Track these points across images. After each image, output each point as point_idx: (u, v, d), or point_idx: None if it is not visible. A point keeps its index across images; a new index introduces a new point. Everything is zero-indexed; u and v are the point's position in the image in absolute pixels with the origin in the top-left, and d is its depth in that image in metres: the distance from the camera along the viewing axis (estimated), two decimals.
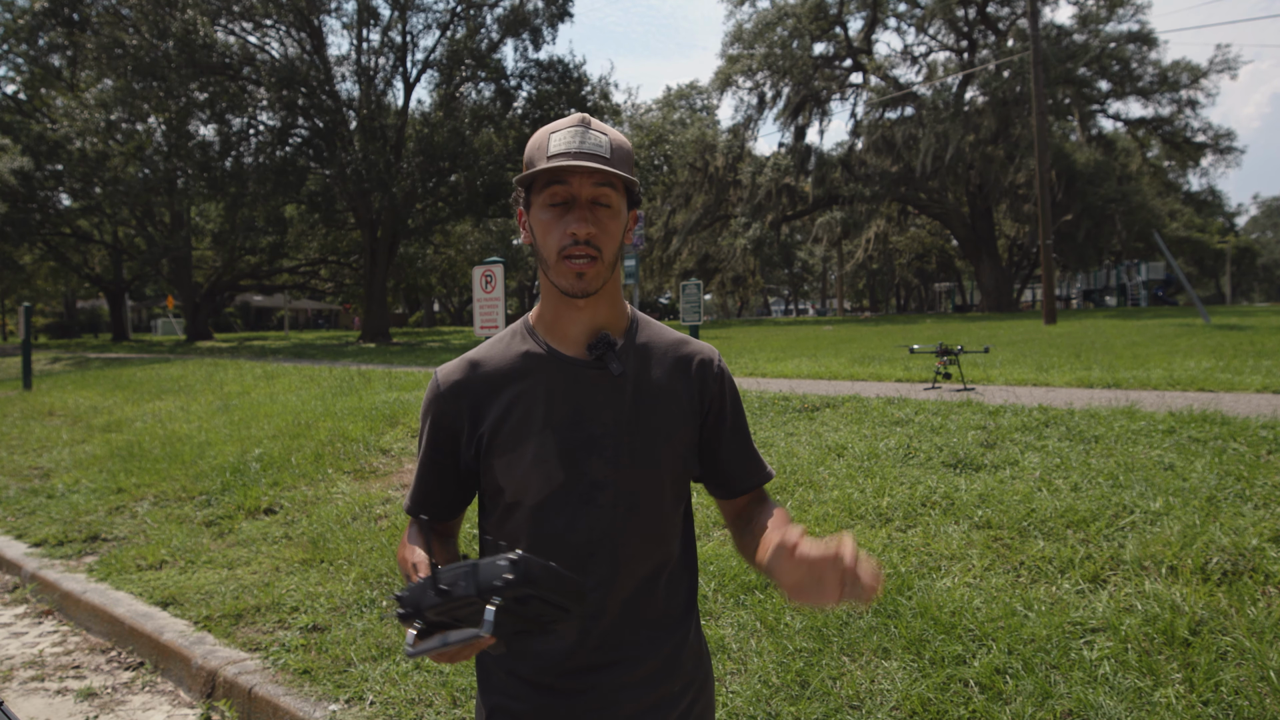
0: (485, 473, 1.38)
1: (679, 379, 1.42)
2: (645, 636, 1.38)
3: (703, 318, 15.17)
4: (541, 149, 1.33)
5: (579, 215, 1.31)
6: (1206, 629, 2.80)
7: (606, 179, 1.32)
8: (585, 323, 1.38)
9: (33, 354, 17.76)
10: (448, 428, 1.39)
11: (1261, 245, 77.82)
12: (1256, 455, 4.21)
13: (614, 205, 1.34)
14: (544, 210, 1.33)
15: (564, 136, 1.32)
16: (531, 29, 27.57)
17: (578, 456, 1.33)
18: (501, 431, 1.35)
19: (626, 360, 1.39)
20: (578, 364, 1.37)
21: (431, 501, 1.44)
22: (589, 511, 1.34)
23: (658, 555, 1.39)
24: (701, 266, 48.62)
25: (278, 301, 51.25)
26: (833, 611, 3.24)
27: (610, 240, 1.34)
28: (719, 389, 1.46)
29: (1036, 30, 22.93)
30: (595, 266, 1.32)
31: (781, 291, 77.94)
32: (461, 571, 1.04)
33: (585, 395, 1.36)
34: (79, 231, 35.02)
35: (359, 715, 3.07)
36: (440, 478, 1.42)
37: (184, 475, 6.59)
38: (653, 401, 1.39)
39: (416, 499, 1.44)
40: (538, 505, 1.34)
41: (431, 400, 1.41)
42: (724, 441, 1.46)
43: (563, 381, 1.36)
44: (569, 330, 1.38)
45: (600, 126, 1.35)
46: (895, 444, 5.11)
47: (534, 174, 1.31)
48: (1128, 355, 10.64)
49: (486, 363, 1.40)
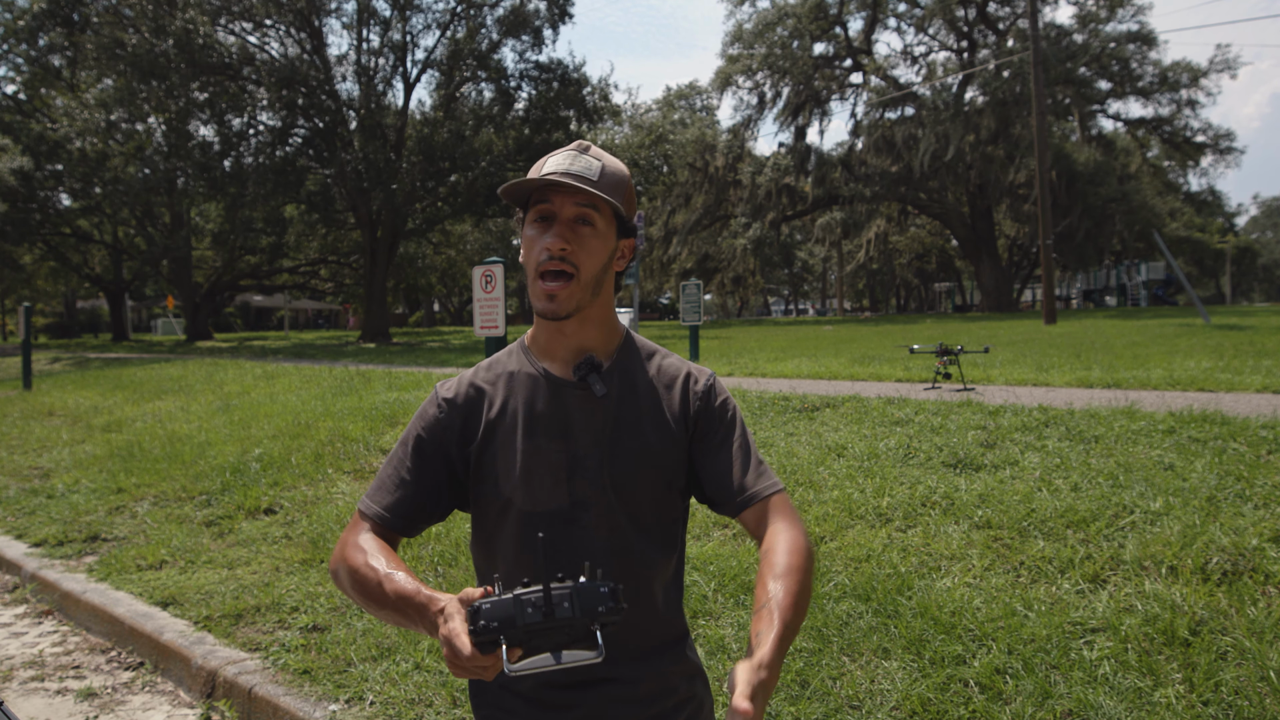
0: (472, 490, 1.39)
1: (665, 400, 1.41)
2: (637, 655, 1.37)
3: (703, 318, 15.16)
4: (537, 170, 1.36)
5: (556, 231, 1.32)
6: (1206, 629, 2.80)
7: (590, 200, 1.32)
8: (572, 345, 1.40)
9: (33, 354, 17.76)
10: (436, 439, 1.39)
11: (1261, 245, 77.83)
12: (1256, 455, 4.21)
13: (598, 226, 1.34)
14: (529, 227, 1.36)
15: (559, 159, 1.35)
16: (532, 30, 27.58)
17: (561, 476, 1.34)
18: (488, 450, 1.37)
19: (611, 382, 1.39)
20: (564, 384, 1.38)
21: (403, 511, 1.37)
22: (572, 531, 1.34)
23: (645, 574, 1.38)
24: (701, 266, 48.65)
25: (278, 301, 51.26)
26: (833, 611, 3.24)
27: (590, 259, 1.33)
28: (704, 405, 1.41)
29: (1036, 30, 22.93)
30: (569, 287, 1.32)
31: (781, 291, 77.95)
32: (562, 594, 1.05)
33: (569, 416, 1.37)
34: (79, 231, 35.03)
35: (359, 715, 3.07)
36: (422, 489, 1.38)
37: (184, 475, 6.59)
38: (635, 424, 1.38)
39: (389, 506, 1.36)
40: (522, 523, 1.34)
41: (429, 412, 1.42)
42: (713, 459, 1.39)
43: (549, 402, 1.38)
44: (557, 351, 1.40)
45: (597, 153, 1.37)
46: (895, 444, 5.11)
47: (521, 193, 1.35)
48: (1128, 355, 10.65)
49: (482, 381, 1.43)
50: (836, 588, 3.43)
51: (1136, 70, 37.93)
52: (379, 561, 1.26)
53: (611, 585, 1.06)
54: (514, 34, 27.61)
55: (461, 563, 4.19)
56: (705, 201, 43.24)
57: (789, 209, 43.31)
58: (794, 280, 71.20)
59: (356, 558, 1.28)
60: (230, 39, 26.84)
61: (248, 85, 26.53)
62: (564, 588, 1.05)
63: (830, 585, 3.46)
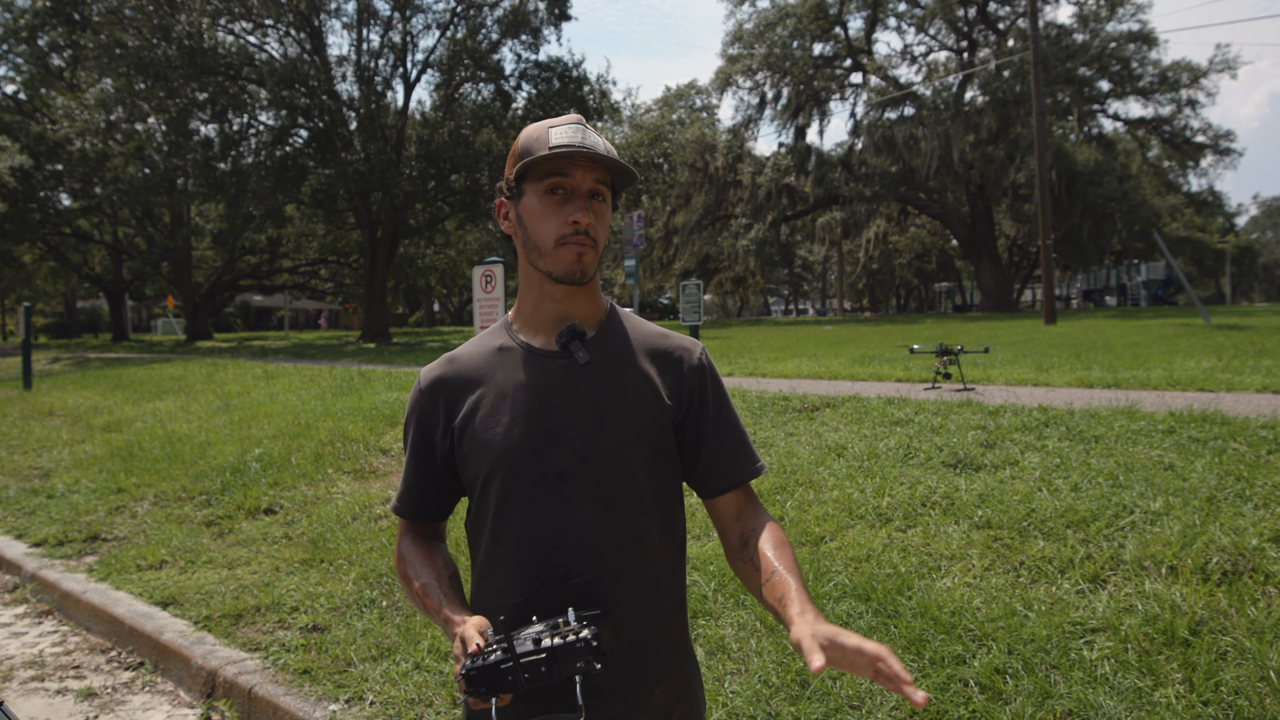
0: (459, 466, 1.40)
1: (654, 371, 1.40)
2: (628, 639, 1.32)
3: (702, 318, 15.16)
4: (540, 141, 1.34)
5: (581, 205, 1.32)
6: (1206, 629, 2.80)
7: (604, 175, 1.35)
8: (562, 314, 1.39)
9: (33, 354, 17.76)
10: (427, 424, 1.42)
11: (1261, 245, 77.82)
12: (1256, 455, 4.21)
13: (607, 200, 1.38)
14: (540, 199, 1.34)
15: (565, 131, 1.33)
16: (531, 29, 27.59)
17: (543, 447, 1.33)
18: (471, 425, 1.37)
19: (596, 351, 1.38)
20: (545, 355, 1.38)
21: (418, 501, 1.46)
22: (554, 503, 1.32)
23: (635, 551, 1.34)
24: (702, 266, 48.63)
25: (278, 301, 51.26)
26: (833, 611, 3.24)
27: (604, 232, 1.38)
28: (698, 381, 1.41)
29: (1036, 30, 22.93)
30: (591, 254, 1.35)
31: (781, 291, 77.91)
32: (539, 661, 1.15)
33: (551, 386, 1.35)
34: (79, 231, 35.01)
35: (359, 715, 3.07)
36: (425, 475, 1.44)
37: (184, 475, 6.59)
38: (622, 392, 1.36)
39: (404, 498, 1.47)
40: (504, 496, 1.34)
41: (415, 399, 1.45)
42: (705, 435, 1.41)
43: (530, 373, 1.37)
44: (545, 321, 1.40)
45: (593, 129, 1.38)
46: (895, 444, 5.10)
47: (538, 160, 1.32)
48: (1128, 355, 10.64)
49: (463, 359, 1.43)
50: (836, 588, 3.43)
51: (1136, 70, 37.91)
52: (415, 571, 1.42)
53: (592, 630, 1.16)
54: (513, 33, 27.63)
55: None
56: (705, 201, 43.21)
57: (789, 209, 43.28)
58: (794, 280, 71.18)
59: (401, 568, 1.46)
60: (230, 39, 26.85)
61: (248, 85, 26.54)
62: (539, 655, 1.14)
63: (830, 585, 3.46)
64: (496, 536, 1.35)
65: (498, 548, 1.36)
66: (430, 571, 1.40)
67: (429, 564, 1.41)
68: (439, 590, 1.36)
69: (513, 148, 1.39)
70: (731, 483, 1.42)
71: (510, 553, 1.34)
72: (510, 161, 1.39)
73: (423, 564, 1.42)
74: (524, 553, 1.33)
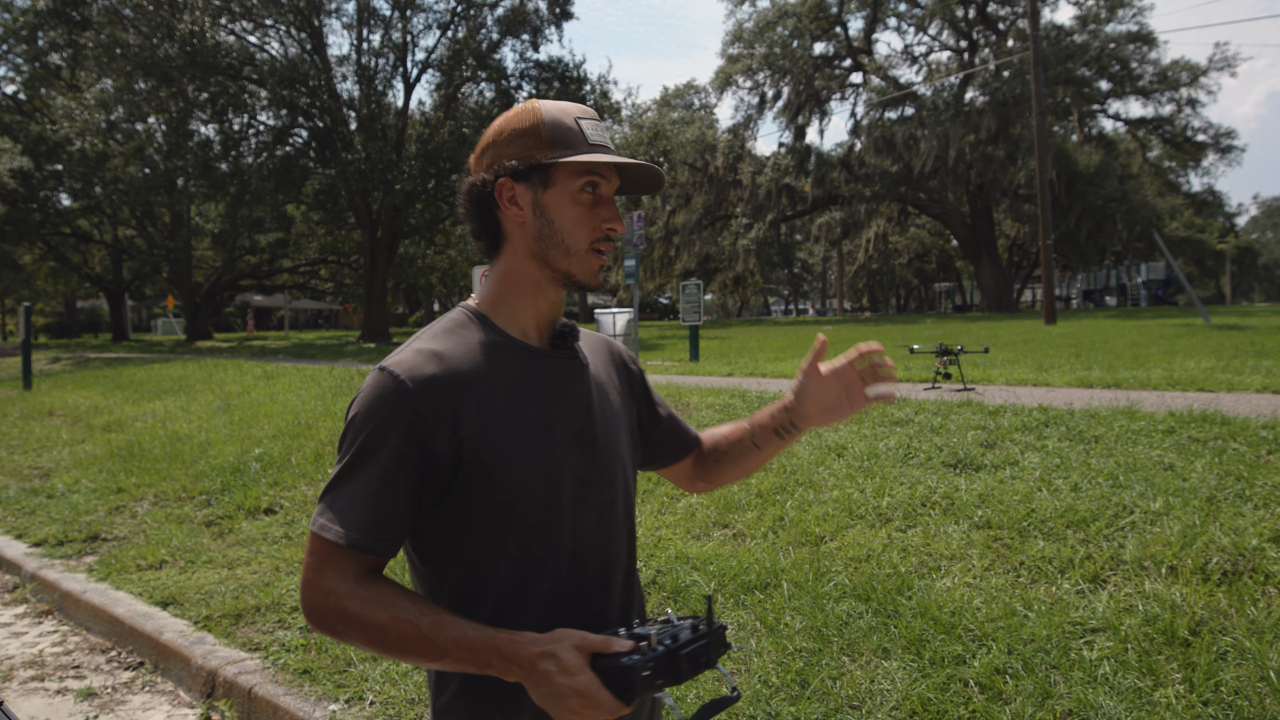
0: (464, 482, 1.18)
1: (614, 369, 1.43)
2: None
3: (702, 317, 15.16)
4: (575, 134, 1.24)
5: (614, 211, 1.28)
6: (1206, 629, 2.80)
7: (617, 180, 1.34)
8: (550, 313, 1.30)
9: (33, 354, 17.75)
10: (419, 433, 1.15)
11: (1261, 245, 77.82)
12: (1256, 455, 4.21)
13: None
14: (574, 196, 1.24)
15: (595, 129, 1.27)
16: (532, 29, 27.61)
17: (564, 453, 1.23)
18: (486, 432, 1.18)
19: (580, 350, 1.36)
20: (545, 354, 1.28)
21: (391, 533, 1.16)
22: (579, 511, 1.25)
23: (629, 547, 1.35)
24: (702, 266, 48.60)
25: (278, 301, 51.27)
26: (833, 611, 3.24)
27: None
28: (641, 374, 1.51)
29: (1036, 30, 22.92)
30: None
31: (781, 291, 77.90)
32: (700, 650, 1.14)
33: (558, 388, 1.26)
34: (79, 231, 35.02)
35: (359, 715, 3.07)
36: (402, 498, 1.16)
37: (184, 475, 6.59)
38: (606, 391, 1.36)
39: (370, 529, 1.14)
40: (533, 509, 1.20)
41: (395, 402, 1.15)
42: (658, 417, 1.52)
43: (535, 374, 1.25)
44: (536, 320, 1.28)
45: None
46: (895, 444, 5.10)
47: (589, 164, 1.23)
48: (1128, 355, 10.64)
49: (451, 355, 1.21)
50: (836, 588, 3.43)
51: (1136, 70, 37.93)
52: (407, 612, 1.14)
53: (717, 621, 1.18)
54: (514, 33, 27.64)
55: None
56: (705, 201, 43.22)
57: (789, 209, 43.31)
58: (794, 280, 71.17)
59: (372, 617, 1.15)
60: (230, 39, 26.86)
61: (248, 85, 26.55)
62: (699, 643, 1.14)
63: (830, 585, 3.46)
64: (521, 555, 1.21)
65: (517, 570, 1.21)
66: (428, 605, 1.15)
67: (413, 599, 1.15)
68: (459, 620, 1.13)
69: (522, 122, 1.25)
70: (691, 440, 1.58)
71: (541, 567, 1.22)
72: (521, 139, 1.24)
73: (409, 600, 1.14)
74: (558, 567, 1.23)
